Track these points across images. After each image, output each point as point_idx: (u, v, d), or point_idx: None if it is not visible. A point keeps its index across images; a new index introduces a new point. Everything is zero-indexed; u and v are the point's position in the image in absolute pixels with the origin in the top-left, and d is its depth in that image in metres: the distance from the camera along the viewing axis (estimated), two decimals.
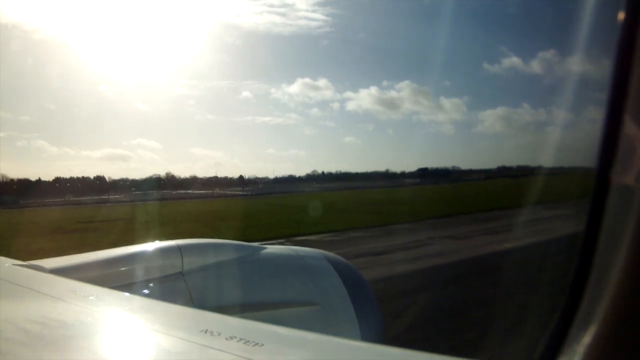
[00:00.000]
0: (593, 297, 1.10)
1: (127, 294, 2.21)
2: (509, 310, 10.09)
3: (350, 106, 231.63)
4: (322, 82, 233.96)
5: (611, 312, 1.04)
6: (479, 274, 15.09)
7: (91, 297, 1.94)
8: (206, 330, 1.41)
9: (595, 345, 1.05)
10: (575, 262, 1.18)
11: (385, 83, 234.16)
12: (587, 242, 1.15)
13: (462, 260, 17.15)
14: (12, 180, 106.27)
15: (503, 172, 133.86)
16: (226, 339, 1.34)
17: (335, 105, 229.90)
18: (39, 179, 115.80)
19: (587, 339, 1.06)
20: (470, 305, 11.25)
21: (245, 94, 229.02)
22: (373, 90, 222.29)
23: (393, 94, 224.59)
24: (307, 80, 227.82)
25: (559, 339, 1.14)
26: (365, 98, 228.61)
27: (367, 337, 3.06)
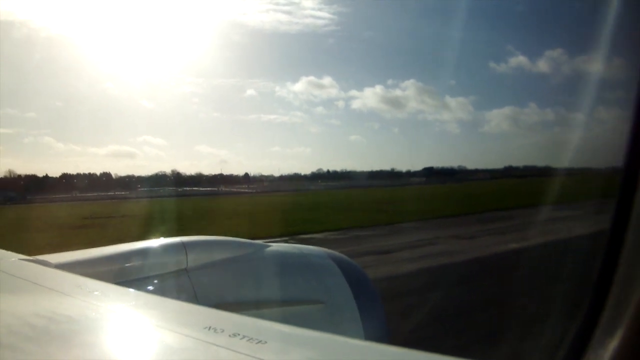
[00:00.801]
0: (619, 300, 1.06)
1: (131, 289, 2.22)
2: (513, 312, 10.06)
3: (356, 105, 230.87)
4: (326, 80, 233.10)
5: (638, 315, 0.99)
6: (483, 274, 15.05)
7: (96, 293, 1.95)
8: (210, 327, 1.41)
9: (621, 350, 1.00)
10: (600, 263, 1.14)
11: (390, 82, 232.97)
12: (613, 242, 1.11)
13: (467, 260, 17.10)
14: (19, 176, 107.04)
15: (510, 172, 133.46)
16: (230, 336, 1.33)
17: (340, 104, 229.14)
18: (46, 175, 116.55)
19: (613, 343, 1.02)
20: (475, 307, 11.20)
21: (250, 92, 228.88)
22: (378, 88, 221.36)
23: (398, 92, 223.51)
24: (312, 78, 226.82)
25: (583, 343, 1.10)
26: (370, 97, 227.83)
27: (370, 336, 3.05)
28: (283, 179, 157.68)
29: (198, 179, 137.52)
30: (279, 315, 2.82)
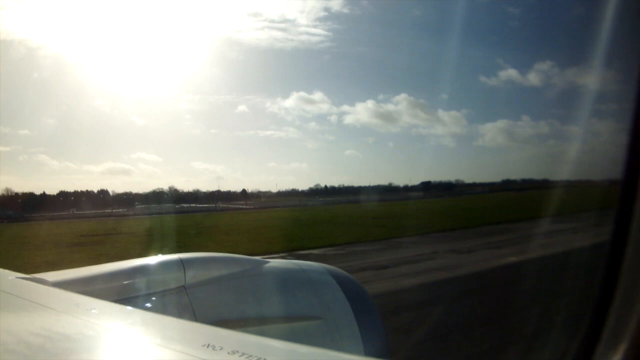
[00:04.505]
0: (621, 312, 1.04)
1: (129, 307, 2.21)
2: (514, 327, 10.00)
3: (348, 120, 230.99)
4: (317, 95, 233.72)
5: None
6: (482, 289, 14.99)
7: (94, 311, 1.94)
8: (208, 345, 1.40)
9: None
10: (602, 275, 1.12)
11: (381, 96, 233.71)
12: (614, 253, 1.09)
13: (466, 275, 17.02)
14: (16, 194, 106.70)
15: (507, 186, 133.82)
16: (229, 353, 1.33)
17: (333, 119, 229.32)
18: (44, 193, 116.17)
19: (616, 357, 0.99)
20: (474, 322, 11.13)
21: (242, 107, 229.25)
22: (370, 103, 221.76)
23: (390, 107, 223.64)
24: (303, 94, 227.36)
25: (586, 357, 1.08)
26: (362, 112, 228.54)
27: (370, 351, 3.03)
28: (281, 194, 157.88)
29: (195, 196, 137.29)
30: (279, 332, 2.80)
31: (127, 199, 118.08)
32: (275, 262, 3.47)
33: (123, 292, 2.66)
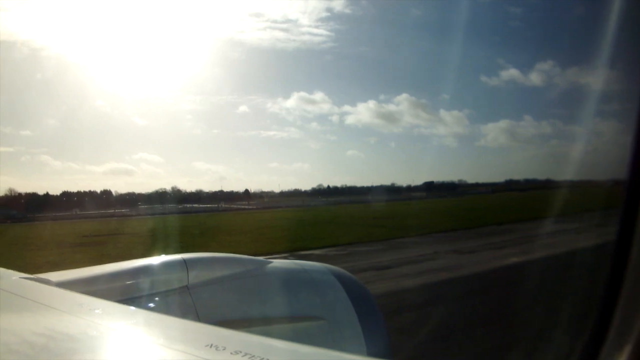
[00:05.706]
0: (626, 313, 1.03)
1: (132, 307, 2.21)
2: (517, 328, 9.98)
3: (350, 120, 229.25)
4: (318, 95, 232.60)
5: None
6: (484, 290, 14.96)
7: (97, 311, 1.94)
8: (211, 345, 1.40)
9: None
10: (607, 275, 1.12)
11: (382, 96, 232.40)
12: (619, 254, 1.08)
13: (467, 276, 17.00)
14: (20, 194, 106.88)
15: (511, 186, 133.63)
16: (231, 353, 1.33)
17: (335, 119, 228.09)
18: (47, 193, 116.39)
19: (621, 358, 0.99)
20: (476, 322, 11.10)
21: (243, 108, 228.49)
22: (371, 103, 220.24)
23: (392, 107, 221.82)
24: (304, 94, 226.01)
25: (591, 358, 1.07)
26: (363, 112, 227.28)
27: (372, 352, 3.03)
28: (283, 195, 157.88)
29: (198, 196, 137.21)
30: (281, 332, 2.81)
31: (130, 200, 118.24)
32: (278, 263, 3.47)
33: (126, 292, 2.67)
